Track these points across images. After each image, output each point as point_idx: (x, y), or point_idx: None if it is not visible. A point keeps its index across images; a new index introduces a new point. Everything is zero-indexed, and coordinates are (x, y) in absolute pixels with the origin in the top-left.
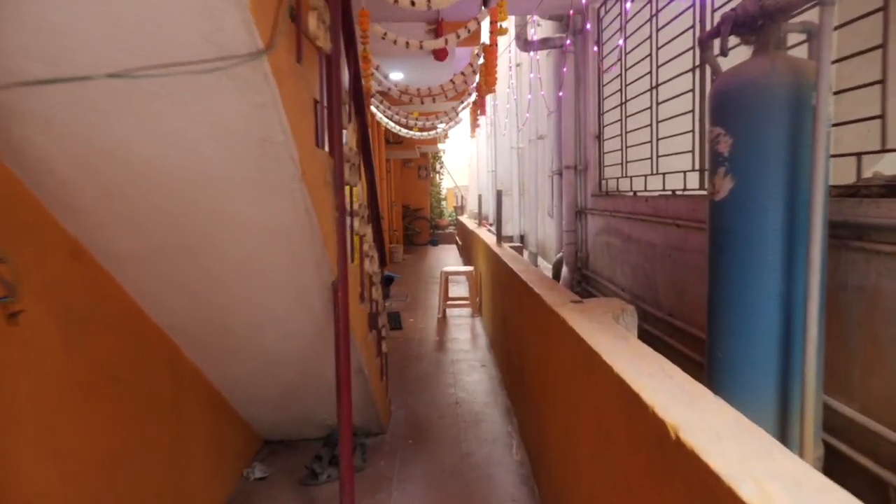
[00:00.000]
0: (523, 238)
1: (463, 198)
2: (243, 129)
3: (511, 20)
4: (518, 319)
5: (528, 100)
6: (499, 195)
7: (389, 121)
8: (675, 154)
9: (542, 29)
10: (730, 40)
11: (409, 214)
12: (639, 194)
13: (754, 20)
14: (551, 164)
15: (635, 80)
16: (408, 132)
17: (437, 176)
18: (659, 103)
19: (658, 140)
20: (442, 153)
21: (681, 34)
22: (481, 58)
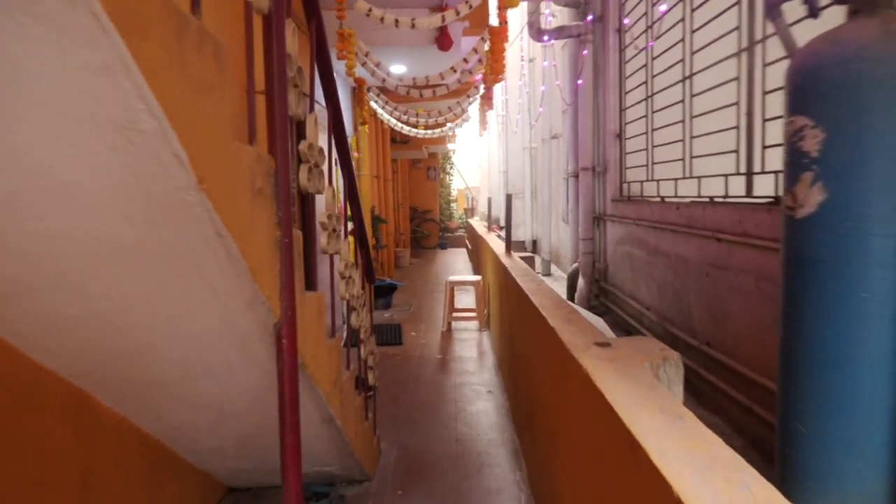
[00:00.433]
0: (535, 244)
1: (474, 199)
2: (80, 108)
3: (522, 7)
4: (527, 350)
5: (542, 91)
6: (508, 199)
7: (391, 117)
8: (712, 154)
9: (556, 18)
10: None
11: (418, 217)
12: (667, 200)
13: None
14: (566, 166)
15: (664, 70)
16: (412, 130)
17: (447, 177)
18: (693, 96)
19: (692, 138)
20: (452, 153)
21: (723, 12)
22: (487, 43)
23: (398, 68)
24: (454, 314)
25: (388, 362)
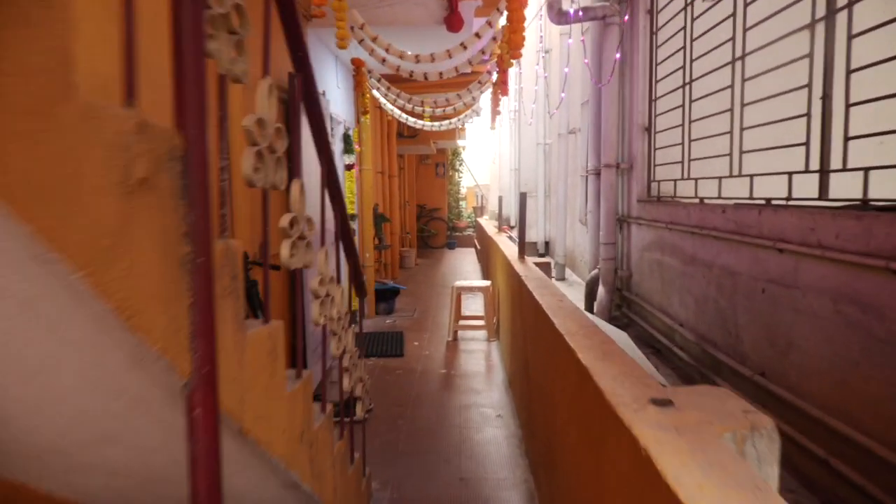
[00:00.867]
0: (548, 245)
1: (484, 197)
2: None
3: None
4: (547, 381)
5: (566, 73)
6: (522, 198)
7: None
8: (771, 149)
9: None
10: None
11: (425, 215)
12: (708, 202)
13: None
14: (585, 162)
15: (706, 52)
16: (417, 122)
17: (457, 174)
18: (746, 79)
19: (742, 130)
20: (462, 150)
21: None
22: (503, 16)
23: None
24: (461, 322)
25: (388, 377)
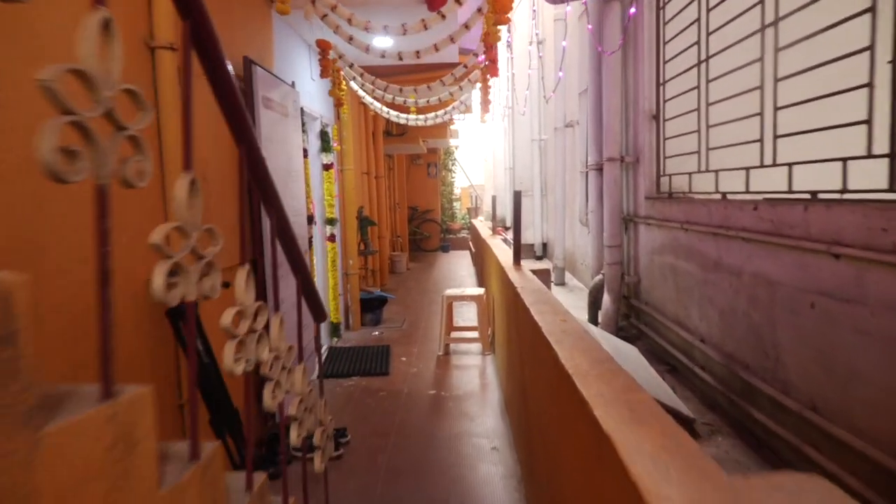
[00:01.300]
0: (546, 247)
1: (478, 198)
2: None
3: None
4: (552, 424)
5: (564, 46)
6: (517, 197)
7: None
8: (817, 130)
9: None
10: None
11: (417, 217)
12: (733, 197)
13: None
14: (585, 157)
15: (727, 22)
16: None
17: (450, 174)
18: (779, 49)
19: (776, 110)
20: (454, 149)
21: None
22: None
23: (384, 41)
24: (453, 334)
25: (370, 401)
